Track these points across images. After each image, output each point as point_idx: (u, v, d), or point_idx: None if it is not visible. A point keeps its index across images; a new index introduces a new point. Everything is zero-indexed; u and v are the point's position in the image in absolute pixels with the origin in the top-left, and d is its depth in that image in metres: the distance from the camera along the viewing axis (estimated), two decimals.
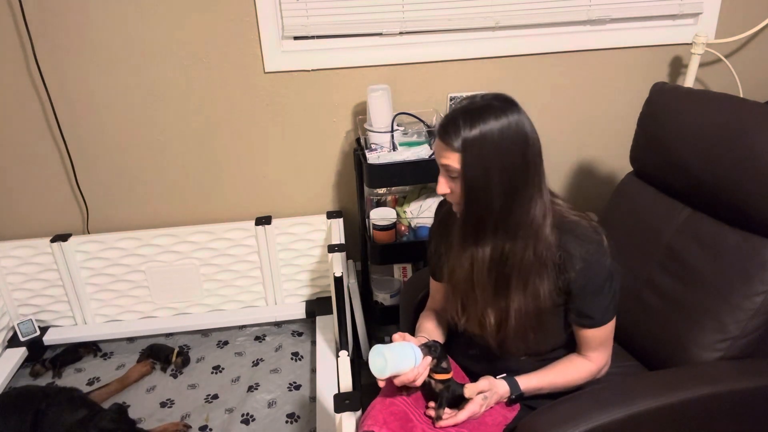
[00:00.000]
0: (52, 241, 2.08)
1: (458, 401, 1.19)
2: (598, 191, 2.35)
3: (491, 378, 1.22)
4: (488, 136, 1.06)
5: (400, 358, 1.11)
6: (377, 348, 1.11)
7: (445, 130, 1.09)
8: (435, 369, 1.17)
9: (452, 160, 1.09)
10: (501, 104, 1.08)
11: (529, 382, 1.22)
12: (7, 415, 1.63)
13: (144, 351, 2.13)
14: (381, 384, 1.16)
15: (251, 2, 1.92)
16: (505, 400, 1.22)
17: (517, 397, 1.22)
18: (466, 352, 1.34)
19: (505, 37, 2.08)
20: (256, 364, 2.08)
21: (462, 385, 1.18)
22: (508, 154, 1.07)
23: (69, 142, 2.05)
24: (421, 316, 1.41)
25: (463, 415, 1.16)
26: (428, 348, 1.17)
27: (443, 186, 1.15)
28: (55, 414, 1.63)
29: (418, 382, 1.15)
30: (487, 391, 1.18)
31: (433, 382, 1.18)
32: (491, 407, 1.21)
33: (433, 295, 1.43)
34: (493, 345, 1.23)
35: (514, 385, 1.21)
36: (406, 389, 1.22)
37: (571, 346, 1.27)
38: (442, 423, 1.17)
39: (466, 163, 1.08)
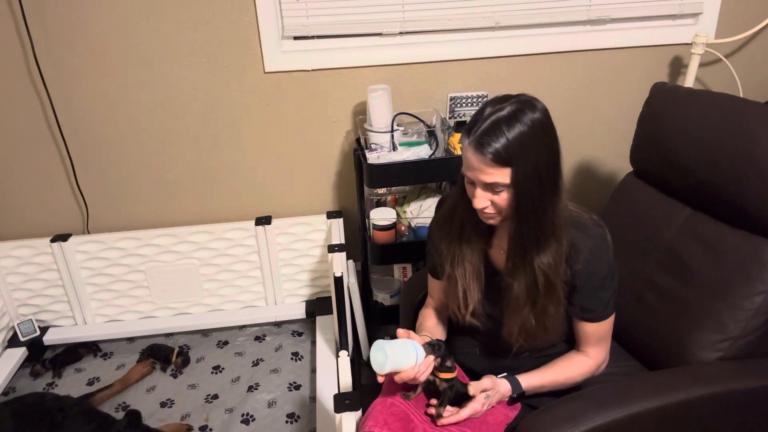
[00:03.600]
0: (52, 241, 2.08)
1: (460, 400, 1.19)
2: (598, 191, 2.35)
3: (494, 377, 1.22)
4: (533, 136, 1.00)
5: (401, 354, 1.11)
6: (379, 343, 1.10)
7: (484, 145, 0.99)
8: (440, 368, 1.17)
9: (499, 175, 1.01)
10: (525, 98, 1.04)
11: (530, 380, 1.22)
12: (22, 427, 1.62)
13: (144, 351, 2.13)
14: (380, 380, 1.14)
15: (251, 2, 1.92)
16: (506, 399, 1.22)
17: (518, 396, 1.22)
18: (466, 350, 1.34)
19: (505, 37, 2.08)
20: (256, 364, 2.08)
21: (465, 384, 1.18)
22: (548, 149, 1.04)
23: (69, 142, 2.05)
24: (420, 315, 1.41)
25: (465, 412, 1.16)
26: (432, 347, 1.16)
27: (482, 200, 1.06)
28: (71, 427, 1.62)
29: (420, 379, 1.15)
30: (490, 390, 1.19)
31: (437, 380, 1.18)
32: (493, 406, 1.21)
33: (431, 293, 1.42)
34: (502, 342, 1.23)
35: (515, 384, 1.21)
36: (414, 390, 1.22)
37: (571, 342, 1.27)
38: (443, 421, 1.17)
39: (518, 176, 1.01)
